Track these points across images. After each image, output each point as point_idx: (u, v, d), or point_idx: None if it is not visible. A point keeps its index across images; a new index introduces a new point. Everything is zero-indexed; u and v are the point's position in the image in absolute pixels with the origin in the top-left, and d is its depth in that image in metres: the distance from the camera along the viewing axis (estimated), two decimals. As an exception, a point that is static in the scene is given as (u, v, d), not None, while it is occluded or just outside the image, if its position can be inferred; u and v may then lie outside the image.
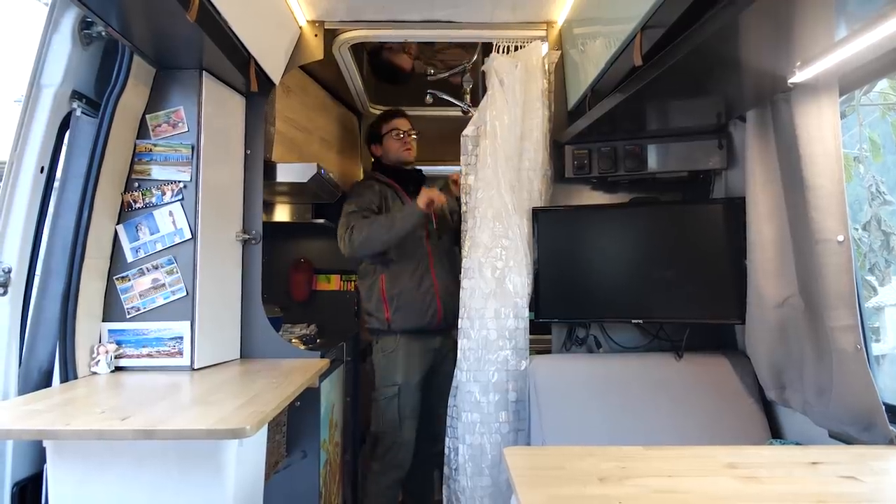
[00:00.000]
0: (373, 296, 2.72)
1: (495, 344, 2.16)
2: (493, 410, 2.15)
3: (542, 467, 1.28)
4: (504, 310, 2.18)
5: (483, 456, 2.13)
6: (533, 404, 2.16)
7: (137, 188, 2.04)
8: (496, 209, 2.23)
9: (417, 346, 2.70)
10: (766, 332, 1.92)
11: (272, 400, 1.53)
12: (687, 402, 2.08)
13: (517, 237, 2.21)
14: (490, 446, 2.14)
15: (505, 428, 2.15)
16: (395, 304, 2.67)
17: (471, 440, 2.14)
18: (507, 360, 2.16)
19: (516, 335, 2.18)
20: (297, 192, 2.83)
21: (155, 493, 1.44)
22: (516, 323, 2.19)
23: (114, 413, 1.41)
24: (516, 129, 2.26)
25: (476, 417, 2.14)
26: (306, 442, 2.14)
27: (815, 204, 1.60)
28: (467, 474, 2.14)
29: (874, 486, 1.19)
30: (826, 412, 1.67)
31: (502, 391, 2.16)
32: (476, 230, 2.25)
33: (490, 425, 2.14)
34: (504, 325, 2.17)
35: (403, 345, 2.67)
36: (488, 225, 2.23)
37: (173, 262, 2.03)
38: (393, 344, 2.68)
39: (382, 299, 2.68)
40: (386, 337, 2.70)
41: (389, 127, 2.83)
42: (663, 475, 1.22)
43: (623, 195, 2.46)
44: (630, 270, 2.27)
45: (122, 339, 1.98)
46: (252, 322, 2.26)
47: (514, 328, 2.18)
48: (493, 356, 2.16)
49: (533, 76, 2.30)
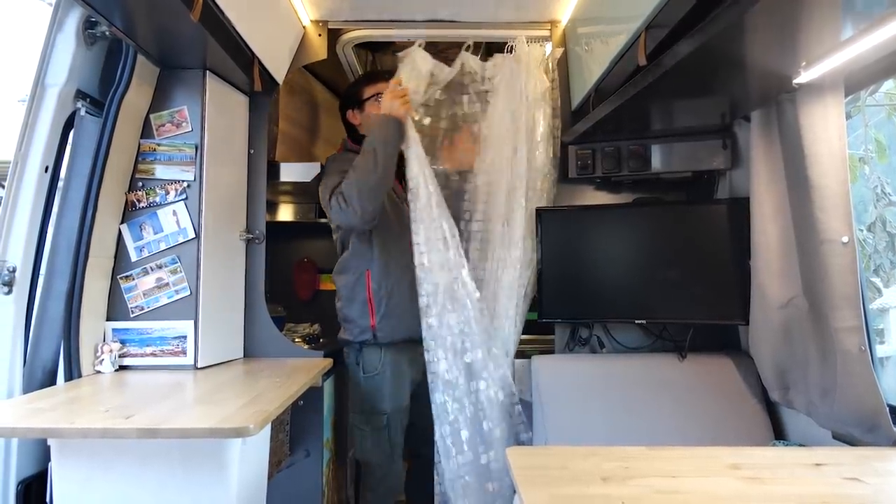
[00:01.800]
0: (355, 297, 2.22)
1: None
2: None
3: (545, 467, 1.28)
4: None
5: (457, 435, 2.13)
6: (536, 404, 2.16)
7: (141, 187, 2.04)
8: (497, 209, 2.23)
9: (406, 360, 2.25)
10: (769, 333, 1.91)
11: (275, 399, 1.53)
12: (690, 403, 2.08)
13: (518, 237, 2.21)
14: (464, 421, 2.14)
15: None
16: (383, 309, 2.19)
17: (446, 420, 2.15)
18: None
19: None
20: (301, 191, 2.83)
21: (159, 492, 1.45)
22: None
23: (118, 412, 1.42)
24: (517, 128, 2.26)
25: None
26: (309, 441, 2.14)
27: (820, 204, 1.59)
28: (449, 455, 2.13)
29: (878, 487, 1.18)
30: (830, 413, 1.66)
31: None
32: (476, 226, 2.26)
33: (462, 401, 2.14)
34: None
35: (390, 363, 2.20)
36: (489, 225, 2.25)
37: (177, 262, 2.03)
38: (375, 363, 2.20)
39: (368, 301, 2.19)
40: (368, 351, 2.21)
41: (374, 90, 2.31)
42: (666, 475, 1.22)
43: (627, 195, 2.46)
44: (633, 271, 2.27)
45: (126, 339, 1.99)
46: (255, 321, 2.26)
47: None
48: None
49: (532, 75, 2.29)
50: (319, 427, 2.15)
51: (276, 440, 1.94)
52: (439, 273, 2.13)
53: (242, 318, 2.25)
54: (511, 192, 2.23)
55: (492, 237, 2.26)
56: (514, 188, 2.23)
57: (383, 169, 2.05)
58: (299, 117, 2.88)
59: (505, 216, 2.23)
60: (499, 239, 2.24)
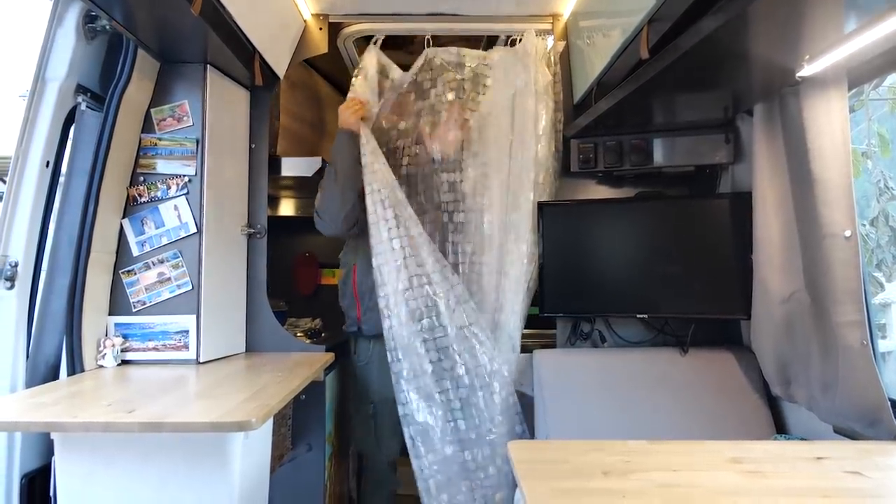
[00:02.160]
0: (346, 291, 2.32)
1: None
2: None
3: (547, 461, 1.28)
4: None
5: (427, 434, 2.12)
6: (537, 398, 2.17)
7: (143, 182, 2.04)
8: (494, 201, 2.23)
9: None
10: (771, 328, 1.91)
11: (277, 393, 1.54)
12: (691, 398, 2.08)
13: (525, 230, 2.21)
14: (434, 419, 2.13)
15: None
16: (366, 303, 2.23)
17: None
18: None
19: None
20: (302, 186, 2.83)
21: (161, 486, 1.45)
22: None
23: (120, 406, 1.42)
24: (523, 121, 2.25)
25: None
26: (311, 435, 2.15)
27: (823, 198, 1.58)
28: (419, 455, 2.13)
29: (879, 481, 1.19)
30: (831, 408, 1.66)
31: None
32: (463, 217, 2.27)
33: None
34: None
35: (377, 354, 2.23)
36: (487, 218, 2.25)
37: (179, 257, 2.03)
38: (366, 353, 2.29)
39: (354, 295, 2.28)
40: (360, 342, 2.32)
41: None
42: (667, 469, 1.22)
43: (629, 189, 2.45)
44: (635, 265, 2.26)
45: (129, 333, 1.99)
46: (257, 316, 2.26)
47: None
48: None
49: (528, 68, 2.27)
50: (321, 421, 2.15)
51: (278, 434, 1.95)
52: (393, 276, 2.12)
53: (244, 313, 2.26)
54: (514, 186, 2.23)
55: (494, 230, 2.26)
56: (521, 182, 2.22)
57: (344, 179, 2.15)
58: (301, 112, 2.87)
59: (504, 209, 2.23)
60: (502, 232, 2.23)
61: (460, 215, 2.32)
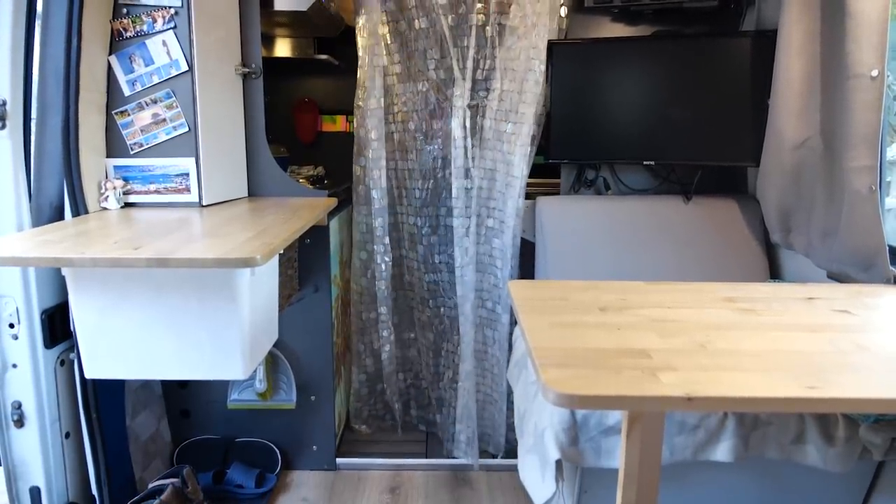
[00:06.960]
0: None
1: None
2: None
3: (545, 298, 1.32)
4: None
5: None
6: (539, 244, 2.20)
7: (126, 14, 1.91)
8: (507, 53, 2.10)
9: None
10: (779, 175, 1.88)
11: (281, 233, 1.55)
12: (692, 245, 2.11)
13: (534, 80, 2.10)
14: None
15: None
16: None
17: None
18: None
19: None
20: (298, 23, 2.65)
21: (175, 318, 1.52)
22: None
23: (127, 243, 1.44)
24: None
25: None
26: (317, 277, 2.21)
27: (854, 35, 1.48)
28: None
29: (866, 318, 1.22)
30: (829, 253, 1.68)
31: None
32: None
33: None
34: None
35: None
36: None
37: (172, 97, 1.95)
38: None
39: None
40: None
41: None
42: (663, 307, 1.26)
43: (646, 28, 2.30)
44: (646, 109, 2.18)
45: (129, 175, 1.98)
46: (258, 160, 2.23)
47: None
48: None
49: None
50: (327, 264, 2.20)
51: (284, 275, 2.00)
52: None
53: (245, 157, 2.22)
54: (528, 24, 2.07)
55: (504, 76, 2.14)
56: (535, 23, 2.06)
57: None
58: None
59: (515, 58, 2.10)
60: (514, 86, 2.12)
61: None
